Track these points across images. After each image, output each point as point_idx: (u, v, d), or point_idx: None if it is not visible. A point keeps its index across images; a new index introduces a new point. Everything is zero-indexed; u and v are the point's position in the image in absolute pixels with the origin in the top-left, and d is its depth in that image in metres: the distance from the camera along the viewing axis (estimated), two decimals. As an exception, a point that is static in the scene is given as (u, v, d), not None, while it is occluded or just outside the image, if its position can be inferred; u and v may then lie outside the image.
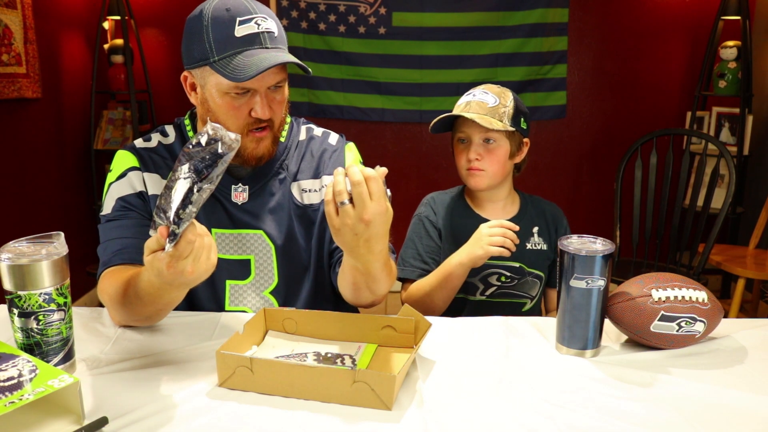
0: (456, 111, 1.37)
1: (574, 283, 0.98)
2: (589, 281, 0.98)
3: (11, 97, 2.54)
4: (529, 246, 1.43)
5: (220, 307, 1.21)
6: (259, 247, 1.20)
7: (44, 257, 0.86)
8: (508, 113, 1.38)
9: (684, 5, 3.23)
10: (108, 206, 1.17)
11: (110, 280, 1.06)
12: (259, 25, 1.06)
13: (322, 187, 1.22)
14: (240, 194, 1.19)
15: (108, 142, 3.20)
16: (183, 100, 1.19)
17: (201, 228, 0.83)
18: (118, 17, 3.10)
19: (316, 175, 1.24)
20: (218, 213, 1.20)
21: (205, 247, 0.83)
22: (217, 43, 1.05)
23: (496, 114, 1.35)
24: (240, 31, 1.05)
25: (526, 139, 1.46)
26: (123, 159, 1.21)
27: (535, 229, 1.45)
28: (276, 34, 1.08)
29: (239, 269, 1.20)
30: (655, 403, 0.86)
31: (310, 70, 1.09)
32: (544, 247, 1.44)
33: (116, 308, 1.04)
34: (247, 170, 1.20)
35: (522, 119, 1.41)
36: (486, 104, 1.37)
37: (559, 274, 1.02)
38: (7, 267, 0.85)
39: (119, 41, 3.14)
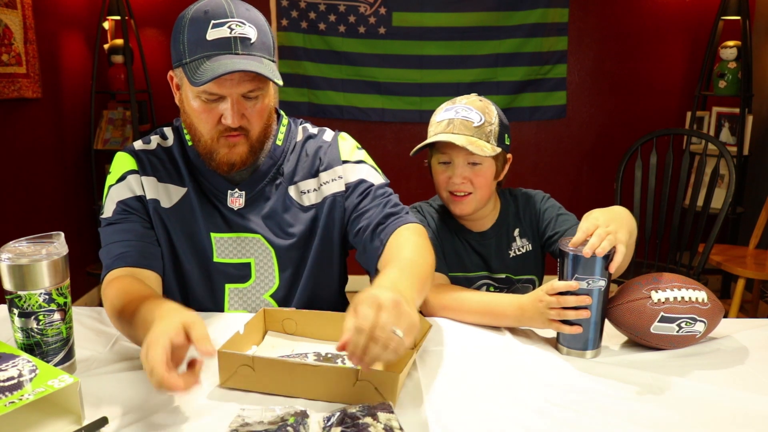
0: (439, 131, 1.27)
1: (576, 282, 0.98)
2: (590, 282, 0.98)
3: (11, 97, 2.54)
4: (512, 253, 1.37)
5: (219, 311, 1.21)
6: (259, 250, 1.19)
7: (44, 257, 0.86)
8: (494, 132, 1.27)
9: (684, 5, 3.23)
10: (108, 209, 1.17)
11: (116, 290, 1.05)
12: (232, 29, 1.03)
13: (321, 185, 1.21)
14: (236, 200, 1.18)
15: (108, 142, 3.20)
16: None
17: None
18: (118, 17, 3.10)
19: (314, 174, 1.22)
20: (215, 218, 1.19)
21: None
22: (190, 45, 1.04)
23: (483, 134, 1.26)
24: (212, 34, 1.02)
25: (509, 155, 1.36)
26: (122, 161, 1.20)
27: (516, 232, 1.38)
28: (252, 41, 1.04)
29: (240, 272, 1.20)
30: (655, 403, 0.86)
31: (280, 82, 1.05)
32: (529, 247, 1.39)
33: (113, 320, 1.04)
34: (243, 175, 1.19)
35: (506, 135, 1.32)
36: (471, 123, 1.25)
37: (560, 276, 1.01)
38: (7, 267, 0.85)
39: (119, 41, 3.14)
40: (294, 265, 1.21)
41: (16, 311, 0.87)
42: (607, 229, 0.98)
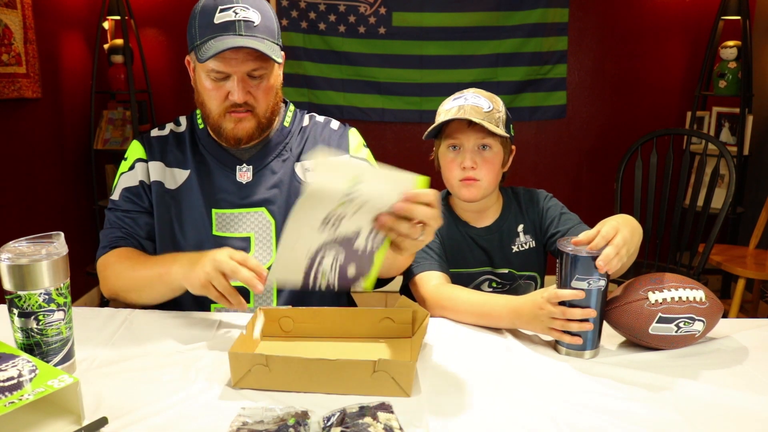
0: (451, 116, 1.28)
1: (575, 284, 0.98)
2: (591, 282, 0.97)
3: (11, 97, 2.54)
4: (515, 249, 1.38)
5: None
6: (259, 224, 1.25)
7: (44, 257, 0.86)
8: (502, 119, 1.30)
9: (684, 5, 3.23)
10: (116, 193, 1.29)
11: (126, 252, 1.23)
12: (236, 13, 1.13)
13: None
14: (244, 173, 1.26)
15: (108, 142, 3.20)
16: (183, 100, 1.22)
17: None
18: (118, 17, 3.10)
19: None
20: (221, 193, 1.25)
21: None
22: (200, 29, 1.15)
23: (492, 119, 1.28)
24: (219, 18, 1.13)
25: (513, 147, 1.38)
26: (134, 150, 1.30)
27: (520, 228, 1.39)
28: (256, 24, 1.14)
29: (239, 246, 1.24)
30: (655, 403, 0.86)
31: (280, 60, 1.15)
32: (533, 243, 1.39)
33: (123, 270, 1.18)
34: (251, 152, 1.27)
35: (511, 126, 1.35)
36: (481, 109, 1.28)
37: (559, 276, 1.01)
38: (7, 267, 0.85)
39: (119, 41, 3.14)
40: None
41: (15, 311, 0.87)
42: (624, 237, 0.97)
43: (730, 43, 3.02)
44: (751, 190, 3.22)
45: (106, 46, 3.21)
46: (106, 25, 3.27)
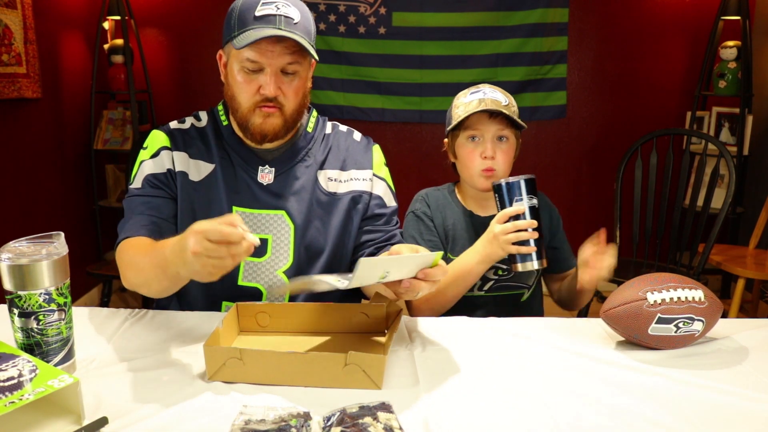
0: (471, 109, 1.34)
1: (515, 205, 1.18)
2: (525, 200, 1.18)
3: (11, 97, 2.54)
4: None
5: (232, 281, 1.24)
6: (278, 227, 1.25)
7: (44, 257, 0.86)
8: (516, 113, 1.37)
9: (684, 5, 3.23)
10: (138, 181, 1.25)
11: (137, 241, 1.14)
12: (278, 8, 1.15)
13: (351, 179, 1.30)
14: (266, 175, 1.26)
15: (108, 142, 3.20)
16: (183, 100, 1.22)
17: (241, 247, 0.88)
18: (118, 17, 3.10)
19: (343, 168, 1.31)
20: (243, 192, 1.25)
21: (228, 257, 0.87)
22: (240, 21, 1.16)
23: (509, 112, 1.34)
24: (260, 11, 1.14)
25: (520, 140, 1.45)
26: (157, 138, 1.28)
27: None
28: (296, 21, 1.15)
29: (256, 247, 1.23)
30: (655, 402, 0.86)
31: (316, 56, 1.17)
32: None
33: (131, 269, 1.12)
34: (275, 154, 1.27)
35: (521, 120, 1.40)
36: (500, 102, 1.35)
37: (501, 206, 1.20)
38: (7, 267, 0.85)
39: (119, 41, 3.14)
40: (310, 244, 1.26)
41: (16, 311, 0.87)
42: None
43: (730, 43, 3.02)
44: (751, 190, 3.22)
45: (106, 46, 3.21)
46: (106, 25, 3.27)
